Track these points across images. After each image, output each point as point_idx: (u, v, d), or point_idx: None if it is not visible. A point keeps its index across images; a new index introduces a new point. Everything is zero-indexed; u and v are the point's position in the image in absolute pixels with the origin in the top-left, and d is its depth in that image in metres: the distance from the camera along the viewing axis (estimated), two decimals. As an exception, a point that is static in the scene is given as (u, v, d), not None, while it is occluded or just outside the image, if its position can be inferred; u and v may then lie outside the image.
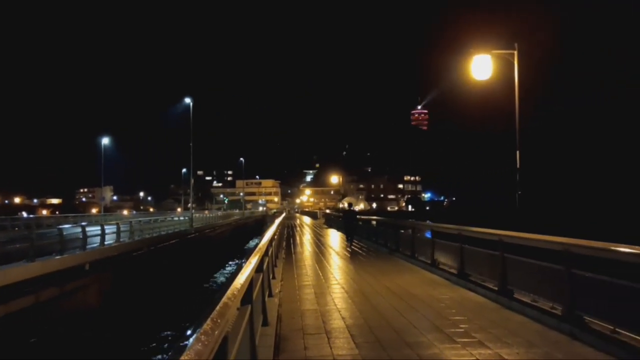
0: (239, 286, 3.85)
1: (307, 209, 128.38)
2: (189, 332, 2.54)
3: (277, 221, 22.38)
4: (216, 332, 2.47)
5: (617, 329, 6.15)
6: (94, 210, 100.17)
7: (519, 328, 7.18)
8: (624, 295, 5.94)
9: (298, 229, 41.49)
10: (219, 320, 2.66)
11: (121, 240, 23.80)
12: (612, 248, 6.24)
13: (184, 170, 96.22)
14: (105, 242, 21.74)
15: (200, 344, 2.21)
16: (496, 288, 9.37)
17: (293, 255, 18.56)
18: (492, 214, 39.47)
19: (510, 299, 8.73)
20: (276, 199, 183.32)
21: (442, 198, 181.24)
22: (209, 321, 2.59)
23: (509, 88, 13.89)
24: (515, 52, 13.25)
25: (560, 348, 6.18)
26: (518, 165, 13.57)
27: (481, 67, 13.50)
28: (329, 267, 15.12)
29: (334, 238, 28.43)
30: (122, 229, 24.74)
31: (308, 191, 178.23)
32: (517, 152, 13.55)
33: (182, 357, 2.02)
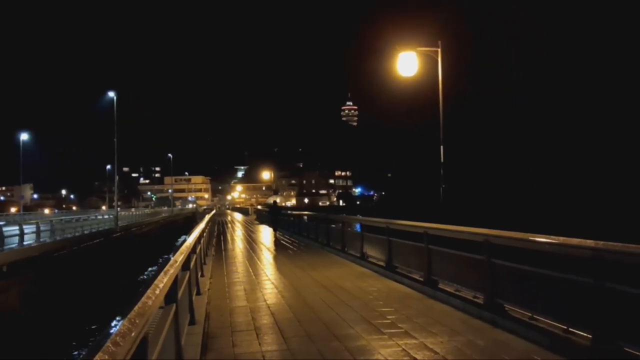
0: (161, 285, 3.73)
1: (238, 206, 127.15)
2: (111, 333, 2.43)
3: (207, 218, 22.03)
4: (133, 333, 2.37)
5: (535, 316, 6.44)
6: (13, 210, 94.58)
7: (443, 317, 7.40)
8: (541, 283, 6.21)
9: (229, 225, 41.03)
10: (137, 321, 2.56)
11: (41, 240, 22.79)
12: (531, 238, 6.51)
13: (108, 166, 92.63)
14: (25, 242, 20.74)
15: (114, 346, 2.11)
16: (422, 279, 9.62)
17: (223, 252, 18.34)
18: (420, 208, 40.52)
19: (435, 289, 8.98)
20: (206, 196, 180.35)
21: (371, 193, 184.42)
22: (125, 322, 2.48)
23: (435, 84, 14.26)
24: (439, 50, 13.61)
25: (482, 335, 6.41)
26: (442, 160, 13.98)
27: (407, 64, 13.76)
28: (260, 264, 15.03)
29: (266, 234, 28.31)
30: (42, 228, 23.73)
31: (239, 187, 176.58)
32: (442, 146, 13.95)
33: (93, 360, 1.92)
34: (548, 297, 6.07)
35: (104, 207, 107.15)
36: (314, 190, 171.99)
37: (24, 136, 57.57)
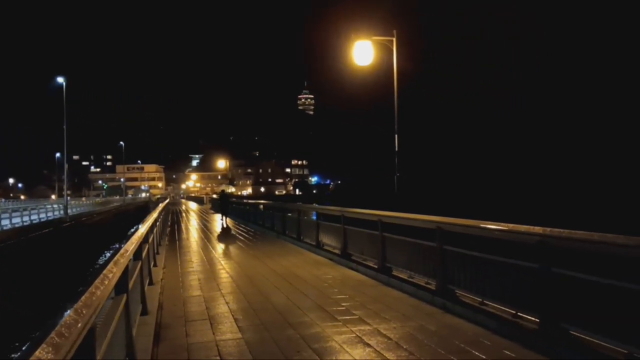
0: (111, 275, 3.63)
1: (193, 195, 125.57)
2: (56, 325, 2.35)
3: (160, 207, 21.64)
4: (79, 325, 2.30)
5: (485, 301, 6.61)
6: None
7: (396, 303, 7.51)
8: (490, 269, 6.37)
9: (183, 215, 40.48)
10: (83, 311, 2.48)
11: (-15, 230, 21.95)
12: (481, 225, 6.65)
13: (57, 154, 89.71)
14: (-33, 233, 19.92)
15: (59, 338, 2.04)
16: (376, 266, 9.74)
17: (177, 242, 18.09)
18: (375, 196, 40.89)
19: (389, 276, 9.10)
20: (160, 185, 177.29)
21: (328, 181, 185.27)
22: (71, 312, 2.40)
23: (391, 73, 14.32)
24: (394, 39, 13.69)
25: (433, 320, 6.54)
26: (397, 149, 14.13)
27: (363, 52, 13.78)
28: (215, 253, 14.89)
29: (221, 223, 28.01)
30: (-14, 219, 22.86)
31: (194, 176, 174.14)
32: (396, 135, 14.10)
33: (35, 353, 1.85)
34: (497, 282, 6.22)
35: (53, 197, 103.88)
36: (270, 179, 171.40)
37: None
